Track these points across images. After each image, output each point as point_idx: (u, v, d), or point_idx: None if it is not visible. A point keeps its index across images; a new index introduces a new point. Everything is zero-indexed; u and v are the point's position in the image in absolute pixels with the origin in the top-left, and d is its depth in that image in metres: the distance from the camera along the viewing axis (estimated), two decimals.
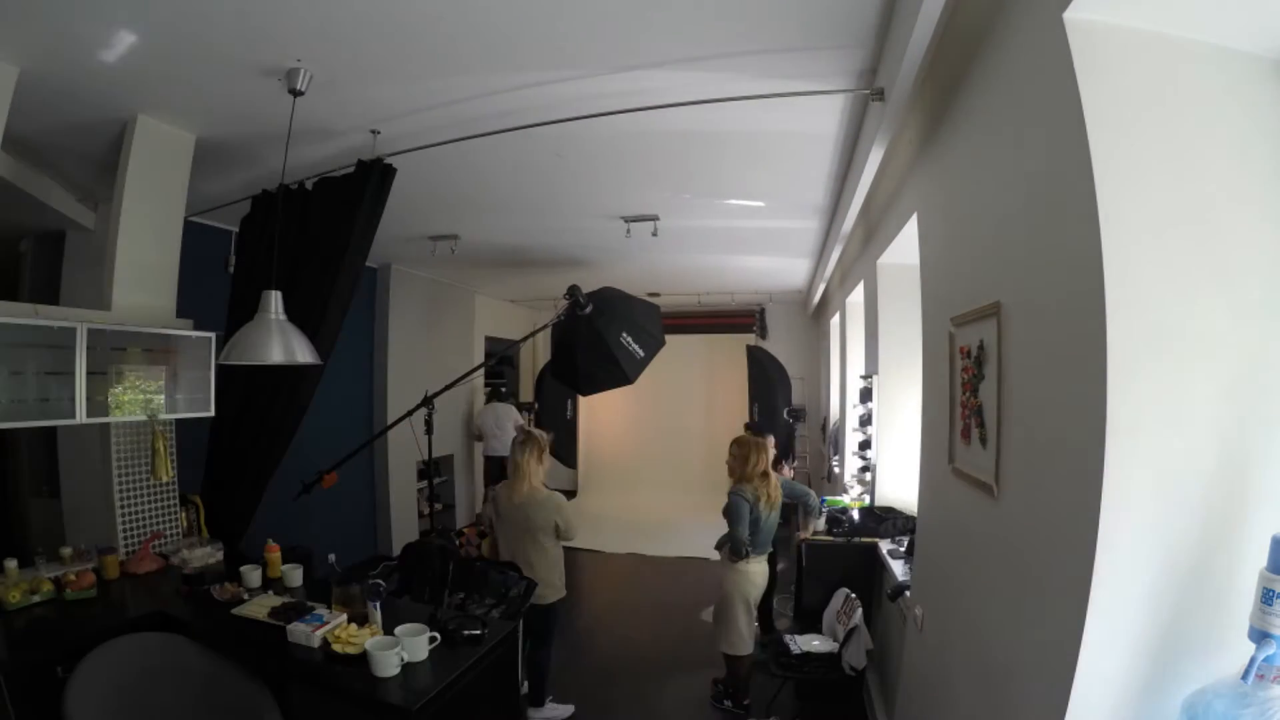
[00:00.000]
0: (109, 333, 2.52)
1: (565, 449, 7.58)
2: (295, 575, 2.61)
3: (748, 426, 3.97)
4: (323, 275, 2.82)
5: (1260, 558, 0.99)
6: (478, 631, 2.11)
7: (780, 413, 6.99)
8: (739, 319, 8.32)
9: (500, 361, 8.75)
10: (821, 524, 3.64)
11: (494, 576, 2.84)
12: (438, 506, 6.67)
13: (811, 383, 7.86)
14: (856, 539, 3.37)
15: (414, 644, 1.93)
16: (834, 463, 5.21)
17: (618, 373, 2.93)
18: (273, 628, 2.12)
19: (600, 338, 2.87)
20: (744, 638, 3.25)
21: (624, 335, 2.90)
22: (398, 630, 2.00)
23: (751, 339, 8.31)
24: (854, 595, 3.12)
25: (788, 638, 3.17)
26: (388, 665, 1.85)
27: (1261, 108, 1.15)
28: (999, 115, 1.57)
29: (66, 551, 2.49)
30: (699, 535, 6.76)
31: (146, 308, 2.78)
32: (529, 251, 5.41)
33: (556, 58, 2.23)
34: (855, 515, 3.57)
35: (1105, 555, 1.09)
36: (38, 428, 2.82)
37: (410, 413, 2.77)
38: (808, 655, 3.02)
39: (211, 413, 2.89)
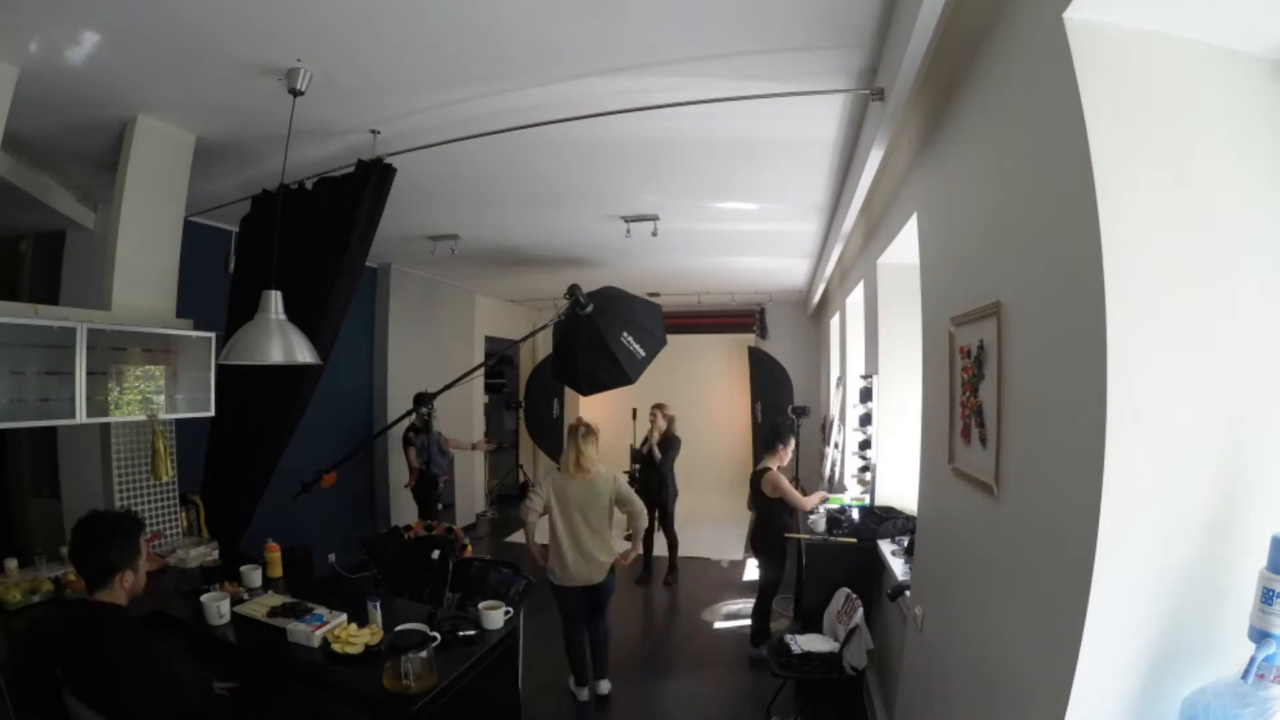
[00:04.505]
0: (109, 333, 2.52)
1: (552, 446, 7.67)
2: (255, 577, 2.56)
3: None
4: (322, 275, 2.82)
5: (1260, 558, 0.99)
6: (473, 632, 2.11)
7: (784, 411, 7.01)
8: (739, 319, 8.32)
9: (500, 361, 8.75)
10: (821, 525, 3.64)
11: (493, 576, 2.84)
12: (438, 506, 6.66)
13: (811, 383, 7.85)
14: (857, 539, 3.37)
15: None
16: (833, 462, 5.21)
17: (619, 372, 2.93)
18: (273, 627, 2.12)
19: (601, 337, 2.87)
20: None
21: (625, 335, 2.90)
22: (396, 629, 2.00)
23: (751, 339, 8.30)
24: (854, 595, 3.12)
25: (788, 638, 3.16)
26: (215, 614, 2.18)
27: (1261, 108, 1.15)
28: (999, 115, 1.57)
29: (66, 551, 2.49)
30: (699, 535, 6.75)
31: (146, 308, 2.78)
32: (529, 251, 5.41)
33: (556, 58, 2.23)
34: (855, 515, 3.57)
35: (1105, 555, 1.08)
36: (38, 428, 2.82)
37: (410, 413, 2.78)
38: (808, 655, 3.02)
39: (211, 413, 2.89)
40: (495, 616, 2.18)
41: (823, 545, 3.47)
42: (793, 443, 4.10)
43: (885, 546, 3.14)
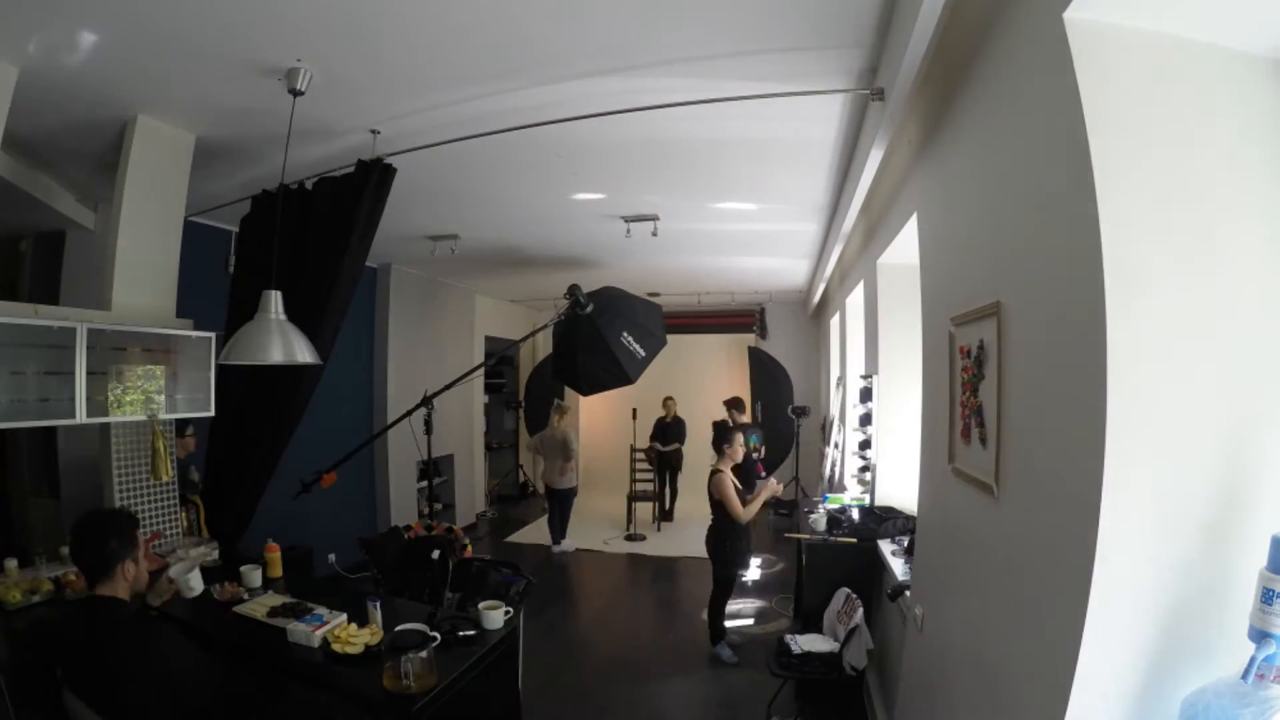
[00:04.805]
0: (109, 333, 2.52)
1: None
2: (255, 577, 2.57)
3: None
4: (322, 275, 2.82)
5: (1260, 558, 0.99)
6: (473, 632, 2.11)
7: (785, 410, 7.03)
8: (739, 319, 8.33)
9: (500, 361, 8.75)
10: (822, 524, 3.64)
11: (493, 576, 2.84)
12: (437, 506, 6.67)
13: (811, 383, 7.85)
14: (857, 539, 3.37)
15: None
16: (833, 462, 5.21)
17: (619, 372, 2.92)
18: (273, 627, 2.12)
19: (601, 337, 2.85)
20: None
21: (625, 334, 2.89)
22: (396, 629, 2.00)
23: (751, 339, 8.31)
24: (854, 595, 3.12)
25: (788, 638, 3.16)
26: (187, 588, 2.36)
27: (1261, 108, 1.15)
28: (999, 115, 1.57)
29: (66, 551, 2.49)
30: (699, 534, 6.74)
31: (146, 308, 2.78)
32: (529, 251, 5.41)
33: (557, 58, 2.23)
34: (855, 515, 3.57)
35: (1105, 554, 1.08)
36: (38, 428, 2.82)
37: (409, 413, 2.77)
38: (808, 655, 3.02)
39: (211, 413, 2.89)
40: (495, 616, 2.18)
41: (823, 545, 3.47)
42: (740, 439, 4.04)
43: (885, 546, 3.14)
